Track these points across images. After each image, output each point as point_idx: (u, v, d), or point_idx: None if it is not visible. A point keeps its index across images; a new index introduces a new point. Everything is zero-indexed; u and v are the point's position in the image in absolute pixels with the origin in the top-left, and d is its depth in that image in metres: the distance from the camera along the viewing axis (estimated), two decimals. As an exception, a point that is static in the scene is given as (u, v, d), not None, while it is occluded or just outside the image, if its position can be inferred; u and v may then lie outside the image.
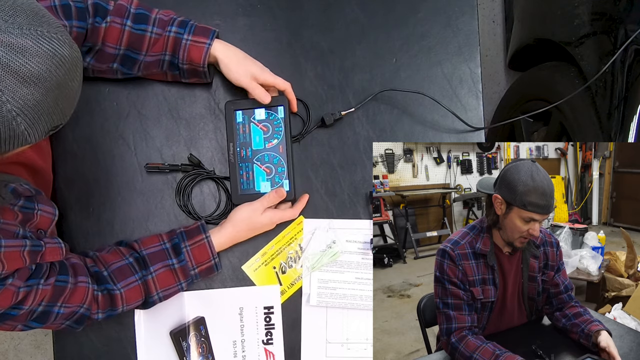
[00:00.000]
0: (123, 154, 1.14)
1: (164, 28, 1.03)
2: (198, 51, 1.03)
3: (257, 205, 1.08)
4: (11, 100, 0.59)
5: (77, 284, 0.92)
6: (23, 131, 0.62)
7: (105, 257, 1.01)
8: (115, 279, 0.98)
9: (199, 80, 1.11)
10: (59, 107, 0.66)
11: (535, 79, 1.77)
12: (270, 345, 1.14)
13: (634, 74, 1.35)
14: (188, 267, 1.03)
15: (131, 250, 1.03)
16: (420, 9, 1.19)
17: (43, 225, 0.91)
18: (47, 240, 0.88)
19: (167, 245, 1.03)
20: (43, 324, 0.90)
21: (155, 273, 1.01)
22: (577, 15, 1.54)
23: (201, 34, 1.04)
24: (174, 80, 1.12)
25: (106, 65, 1.04)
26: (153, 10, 1.05)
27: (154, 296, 1.02)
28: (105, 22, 0.99)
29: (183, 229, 1.06)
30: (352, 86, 1.17)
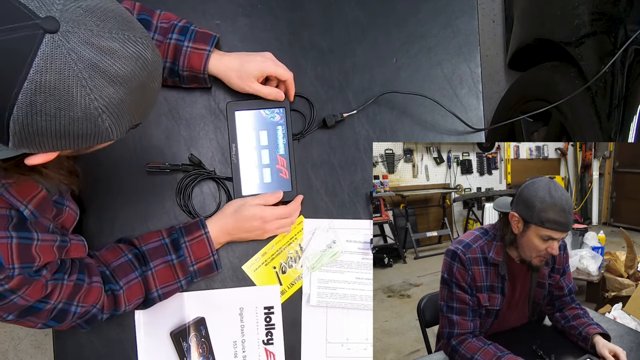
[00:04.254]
0: (123, 154, 1.14)
1: (165, 35, 1.03)
2: (198, 58, 1.04)
3: (249, 199, 1.08)
4: (98, 98, 0.62)
5: (92, 284, 0.93)
6: (107, 128, 0.65)
7: (105, 256, 1.01)
8: (116, 276, 0.99)
9: (199, 85, 1.11)
10: (140, 106, 0.68)
11: (535, 79, 1.77)
12: (271, 345, 1.14)
13: (634, 74, 1.35)
14: (187, 263, 1.03)
15: (130, 247, 1.03)
16: (420, 9, 1.19)
17: (67, 223, 0.92)
18: (72, 237, 0.90)
19: (166, 241, 1.03)
20: (60, 322, 0.91)
21: (155, 269, 1.01)
22: (577, 15, 1.54)
23: (201, 40, 1.04)
24: (173, 85, 1.12)
25: None
26: (154, 14, 1.05)
27: (153, 293, 1.02)
28: None
29: (182, 225, 1.06)
30: (352, 86, 1.17)
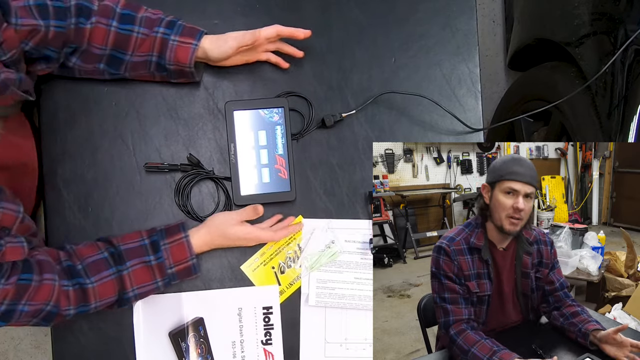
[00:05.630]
0: (122, 153, 1.14)
1: (151, 28, 1.03)
2: (184, 52, 1.03)
3: (233, 216, 1.08)
4: None
5: (42, 282, 0.91)
6: None
7: (80, 251, 1.00)
8: (88, 272, 0.98)
9: (187, 80, 1.10)
10: None
11: (535, 79, 1.77)
12: (270, 345, 1.14)
13: (634, 74, 1.35)
14: (165, 265, 1.02)
15: (108, 245, 1.02)
16: (419, 9, 1.19)
17: (6, 223, 0.91)
18: (9, 240, 0.88)
19: (146, 242, 1.03)
20: (7, 322, 0.90)
21: (132, 269, 1.00)
22: (577, 15, 1.54)
23: (189, 34, 1.04)
24: (162, 80, 1.12)
25: (92, 65, 1.04)
26: (140, 9, 1.04)
27: (128, 292, 1.01)
28: (91, 23, 0.99)
29: (164, 227, 1.05)
30: (351, 86, 1.17)
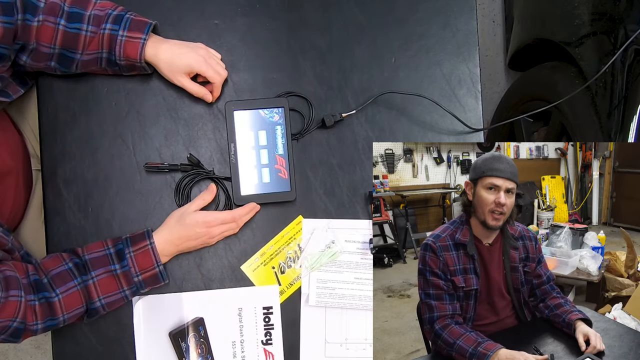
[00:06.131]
0: (122, 153, 1.14)
1: (99, 26, 1.01)
2: (133, 47, 1.02)
3: (187, 207, 1.08)
4: None
5: (8, 298, 0.89)
6: None
7: (45, 264, 1.00)
8: (54, 285, 0.97)
9: (140, 73, 1.10)
10: None
11: (535, 79, 1.77)
12: (270, 345, 1.14)
13: (634, 74, 1.35)
14: (131, 274, 1.02)
15: (72, 256, 1.02)
16: (419, 9, 1.19)
17: None
18: None
19: (111, 251, 1.03)
20: None
21: (97, 278, 1.00)
22: (577, 15, 1.54)
23: (136, 29, 1.03)
24: (114, 74, 1.11)
25: (43, 63, 1.03)
26: (89, 5, 1.03)
27: (95, 302, 1.01)
28: (38, 21, 0.97)
29: (129, 235, 1.05)
30: (351, 86, 1.17)
